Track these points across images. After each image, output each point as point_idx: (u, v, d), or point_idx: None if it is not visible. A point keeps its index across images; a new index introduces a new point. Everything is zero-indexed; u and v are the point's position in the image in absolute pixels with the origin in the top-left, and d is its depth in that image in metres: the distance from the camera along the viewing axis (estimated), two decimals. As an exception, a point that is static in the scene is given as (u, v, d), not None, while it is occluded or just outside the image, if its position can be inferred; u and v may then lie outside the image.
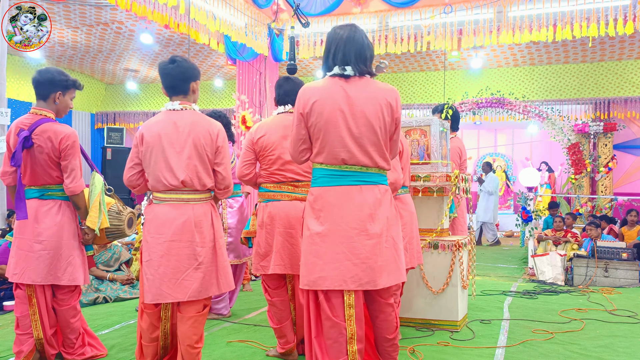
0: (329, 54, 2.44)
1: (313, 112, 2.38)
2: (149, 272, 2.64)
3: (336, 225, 2.36)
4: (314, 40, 7.77)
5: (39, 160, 3.02)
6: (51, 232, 3.05)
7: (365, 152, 2.38)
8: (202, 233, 2.67)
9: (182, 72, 2.74)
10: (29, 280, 3.03)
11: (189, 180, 2.66)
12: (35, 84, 3.08)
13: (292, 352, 3.25)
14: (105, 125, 12.57)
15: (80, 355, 3.23)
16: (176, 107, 2.76)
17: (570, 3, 6.41)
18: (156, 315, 2.72)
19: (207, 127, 2.73)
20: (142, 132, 2.73)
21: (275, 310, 3.22)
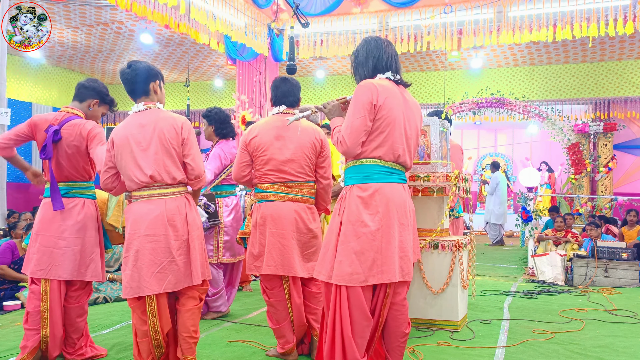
0: (379, 59, 2.63)
1: (385, 106, 2.49)
2: (127, 268, 2.73)
3: (392, 221, 2.49)
4: (314, 40, 7.77)
5: (67, 152, 3.16)
6: (75, 229, 3.18)
7: (410, 153, 2.62)
8: (175, 227, 2.74)
9: (138, 75, 2.83)
10: (56, 276, 3.12)
11: (157, 175, 2.74)
12: (79, 86, 3.31)
13: (292, 352, 3.25)
14: (105, 125, 12.57)
15: (80, 356, 3.25)
16: (141, 108, 2.84)
17: (570, 3, 6.42)
18: (141, 308, 2.77)
19: (170, 121, 2.80)
20: (112, 136, 2.82)
21: (273, 310, 3.23)
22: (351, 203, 2.51)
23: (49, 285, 3.13)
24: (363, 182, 2.51)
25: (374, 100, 2.47)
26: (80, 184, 3.25)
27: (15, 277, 4.89)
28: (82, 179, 3.26)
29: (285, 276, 3.21)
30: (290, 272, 3.14)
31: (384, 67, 2.62)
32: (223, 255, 4.24)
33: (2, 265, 4.86)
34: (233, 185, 4.38)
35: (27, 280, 4.83)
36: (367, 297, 2.50)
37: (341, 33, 7.68)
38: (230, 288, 4.48)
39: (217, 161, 4.16)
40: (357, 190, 2.51)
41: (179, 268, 2.74)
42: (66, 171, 3.20)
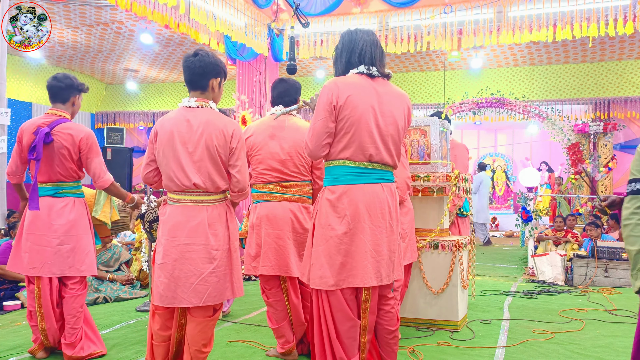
0: (352, 52, 2.49)
1: (347, 105, 2.38)
2: (163, 275, 2.56)
3: (362, 224, 2.39)
4: (314, 40, 7.77)
5: (58, 155, 3.21)
6: (67, 228, 3.23)
7: (388, 150, 2.47)
8: (216, 235, 2.58)
9: (201, 67, 2.62)
10: (49, 274, 3.20)
11: (201, 183, 2.56)
12: (55, 88, 3.30)
13: (292, 352, 3.25)
14: (105, 125, 12.57)
15: (80, 351, 3.27)
16: (192, 104, 2.64)
17: (570, 3, 6.41)
18: (168, 316, 2.66)
19: (221, 127, 2.59)
20: (156, 128, 2.65)
21: (272, 310, 3.23)
22: (322, 206, 2.47)
23: (41, 282, 3.22)
24: (332, 184, 2.45)
25: (333, 101, 2.37)
26: (69, 184, 3.30)
27: (15, 277, 4.89)
28: (71, 179, 3.31)
29: (283, 276, 3.21)
30: (286, 272, 3.13)
31: (357, 61, 2.49)
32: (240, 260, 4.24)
33: (2, 265, 4.86)
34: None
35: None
36: (349, 299, 2.45)
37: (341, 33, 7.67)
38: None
39: None
40: (327, 192, 2.47)
41: (219, 280, 2.57)
42: (56, 172, 3.24)
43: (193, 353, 2.61)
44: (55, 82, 3.30)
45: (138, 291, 5.34)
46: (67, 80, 3.31)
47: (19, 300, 4.76)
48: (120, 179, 10.50)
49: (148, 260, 4.92)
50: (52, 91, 3.31)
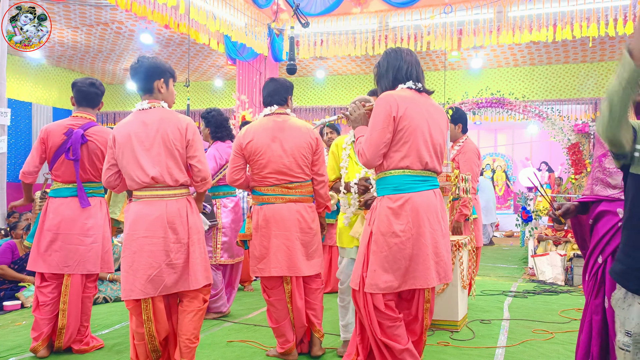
0: (399, 70, 2.65)
1: (406, 116, 2.51)
2: (124, 269, 2.69)
3: (423, 228, 2.52)
4: (314, 40, 7.78)
5: (92, 155, 3.39)
6: (98, 226, 3.42)
7: (437, 158, 2.64)
8: (174, 229, 2.69)
9: (143, 72, 2.79)
10: (84, 271, 3.37)
11: (159, 176, 2.68)
12: (91, 94, 3.48)
13: (292, 352, 3.25)
14: (105, 125, 12.58)
15: (86, 344, 3.44)
16: (145, 106, 2.78)
17: (570, 3, 6.42)
18: (138, 311, 2.73)
19: (175, 122, 2.74)
20: (113, 133, 2.77)
21: (273, 309, 3.23)
22: (381, 214, 2.55)
23: (70, 279, 3.35)
24: (393, 192, 2.56)
25: (392, 112, 2.49)
26: (96, 184, 3.48)
27: (15, 277, 4.89)
28: (99, 179, 3.45)
29: (287, 277, 3.21)
30: (296, 272, 3.16)
31: (404, 77, 2.65)
32: (221, 256, 4.24)
33: (2, 265, 4.86)
34: (232, 185, 4.38)
35: (27, 280, 4.87)
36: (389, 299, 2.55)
37: (341, 33, 7.68)
38: (229, 289, 4.47)
39: (212, 162, 4.15)
40: (387, 201, 2.55)
41: (175, 272, 2.69)
42: (88, 172, 3.41)
43: (183, 342, 2.72)
44: (94, 89, 3.48)
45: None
46: (102, 88, 3.54)
47: (19, 300, 4.76)
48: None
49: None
50: (89, 97, 3.47)
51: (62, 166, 3.38)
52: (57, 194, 3.41)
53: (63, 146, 3.34)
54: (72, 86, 3.51)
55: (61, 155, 3.36)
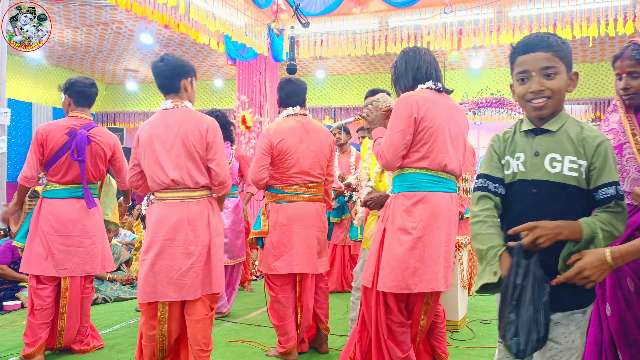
0: (419, 69, 2.62)
1: (427, 117, 2.47)
2: (143, 271, 2.64)
3: (436, 230, 2.46)
4: (314, 40, 7.77)
5: (94, 156, 3.39)
6: (97, 228, 3.42)
7: (457, 160, 2.59)
8: (196, 232, 2.64)
9: (169, 70, 2.71)
10: (84, 273, 3.35)
11: (179, 179, 2.63)
12: (93, 95, 3.46)
13: (293, 352, 3.25)
14: (105, 125, 12.57)
15: (86, 345, 3.45)
16: (168, 106, 2.72)
17: (570, 3, 6.41)
18: (152, 313, 2.70)
19: (196, 123, 2.68)
20: (138, 133, 2.75)
21: (279, 307, 3.23)
22: (395, 211, 2.51)
23: (69, 282, 3.32)
24: (408, 190, 2.50)
25: (413, 113, 2.45)
26: (94, 185, 3.47)
27: (16, 277, 4.89)
28: (98, 180, 3.49)
29: (300, 275, 3.25)
30: (314, 270, 3.23)
31: (423, 77, 2.61)
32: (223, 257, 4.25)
33: (2, 265, 4.86)
34: (233, 185, 4.38)
35: (27, 280, 4.86)
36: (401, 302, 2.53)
37: (341, 33, 7.67)
38: (230, 290, 4.48)
39: None
40: (401, 198, 2.51)
41: (197, 275, 2.62)
42: (89, 173, 3.40)
43: (196, 353, 2.65)
44: (94, 90, 3.47)
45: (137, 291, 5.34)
46: (95, 87, 3.50)
47: (19, 300, 4.76)
48: (120, 179, 10.50)
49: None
50: (85, 95, 3.43)
51: (62, 167, 3.32)
52: (53, 195, 3.33)
53: (65, 147, 3.29)
54: (70, 86, 3.40)
55: (62, 156, 3.29)
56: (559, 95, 1.59)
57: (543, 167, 1.56)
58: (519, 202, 1.61)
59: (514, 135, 1.66)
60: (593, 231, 1.48)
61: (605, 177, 1.52)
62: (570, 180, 1.53)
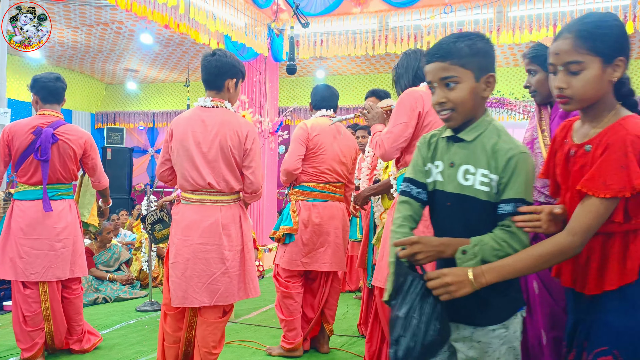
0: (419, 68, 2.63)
1: (432, 112, 2.45)
2: (175, 275, 2.56)
3: None
4: (314, 40, 7.78)
5: (62, 155, 3.22)
6: (69, 231, 3.26)
7: None
8: (229, 236, 2.58)
9: (217, 67, 2.62)
10: (53, 278, 3.19)
11: (215, 184, 2.57)
12: (55, 89, 3.26)
13: (299, 348, 3.27)
14: (105, 125, 12.57)
15: (86, 344, 3.42)
16: (207, 104, 2.63)
17: (570, 3, 6.41)
18: (179, 316, 2.66)
19: (235, 127, 2.59)
20: (172, 127, 2.65)
21: (290, 302, 3.26)
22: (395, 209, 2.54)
23: (47, 286, 3.21)
24: None
25: (418, 107, 2.42)
26: (65, 185, 3.32)
27: (15, 277, 4.88)
28: (69, 180, 3.34)
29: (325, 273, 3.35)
30: (342, 268, 3.35)
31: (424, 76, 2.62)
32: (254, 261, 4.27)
33: None
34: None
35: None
36: None
37: (341, 33, 7.67)
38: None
39: None
40: None
41: (231, 280, 2.56)
42: (57, 173, 3.22)
43: (203, 355, 2.61)
44: (59, 84, 3.29)
45: (138, 291, 5.34)
46: (61, 83, 3.32)
47: (19, 300, 4.75)
48: (120, 179, 10.50)
49: (148, 260, 4.92)
50: (50, 91, 3.26)
51: (30, 167, 3.18)
52: (23, 197, 3.20)
53: (31, 146, 3.13)
54: (34, 82, 3.28)
55: (29, 156, 3.15)
56: (464, 105, 1.46)
57: (456, 180, 1.48)
58: (437, 213, 1.57)
59: (437, 141, 1.58)
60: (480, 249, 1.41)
61: (508, 192, 1.42)
62: (482, 195, 1.45)
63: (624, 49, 1.39)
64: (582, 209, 1.37)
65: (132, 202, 10.85)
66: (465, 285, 1.35)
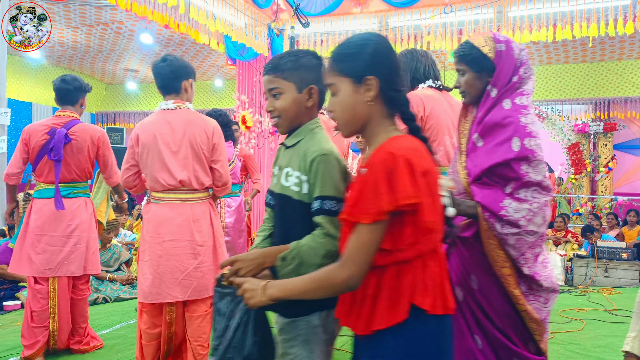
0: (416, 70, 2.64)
1: (432, 115, 2.51)
2: (148, 272, 2.63)
3: None
4: (314, 40, 7.77)
5: (76, 155, 3.31)
6: (83, 228, 3.34)
7: None
8: (201, 232, 2.66)
9: (172, 71, 2.71)
10: (68, 273, 3.28)
11: (187, 180, 2.65)
12: (64, 91, 3.38)
13: None
14: (105, 125, 12.57)
15: (86, 345, 3.44)
16: (170, 107, 2.72)
17: (570, 3, 6.41)
18: (155, 313, 2.70)
19: (202, 125, 2.71)
20: (137, 132, 2.71)
21: None
22: None
23: (57, 282, 3.28)
24: None
25: (420, 112, 2.47)
26: (81, 184, 3.40)
27: (15, 277, 4.89)
28: (84, 179, 3.41)
29: None
30: None
31: (422, 77, 2.64)
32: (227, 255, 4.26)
33: (2, 265, 4.86)
34: (236, 185, 4.38)
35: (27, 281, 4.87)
36: None
37: (341, 33, 7.67)
38: (230, 289, 4.49)
39: None
40: None
41: (204, 275, 2.64)
42: (72, 172, 3.33)
43: (195, 349, 2.68)
44: (64, 85, 3.38)
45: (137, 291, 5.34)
46: (76, 83, 3.42)
47: (19, 300, 4.76)
48: (120, 179, 10.49)
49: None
50: (61, 93, 3.39)
51: (45, 166, 3.29)
52: (41, 195, 3.32)
53: (46, 146, 3.25)
54: (53, 84, 3.44)
55: (44, 155, 3.26)
56: (288, 113, 1.59)
57: (280, 181, 1.61)
58: (273, 215, 1.68)
59: (280, 147, 1.71)
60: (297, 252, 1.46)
61: (315, 191, 1.51)
62: (294, 195, 1.54)
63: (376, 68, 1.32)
64: (350, 237, 1.25)
65: (132, 202, 10.85)
66: (257, 295, 1.34)
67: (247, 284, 1.36)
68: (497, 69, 1.79)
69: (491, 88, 1.80)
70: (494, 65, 1.80)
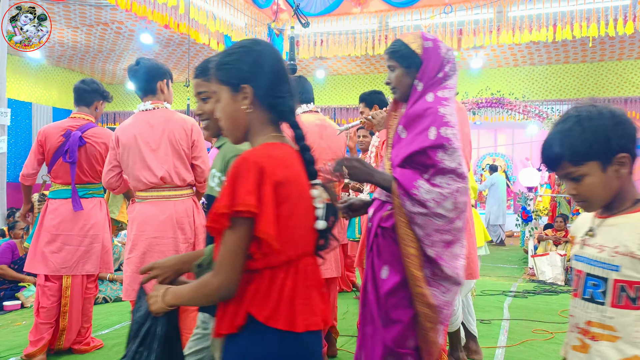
0: None
1: None
2: (130, 270, 2.67)
3: None
4: (314, 40, 7.78)
5: (90, 157, 3.36)
6: (98, 227, 3.39)
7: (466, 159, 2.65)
8: (183, 230, 2.71)
9: (145, 73, 2.79)
10: (84, 271, 3.34)
11: (167, 177, 2.69)
12: (80, 91, 3.46)
13: None
14: (105, 125, 12.57)
15: (86, 345, 3.45)
16: (148, 107, 2.80)
17: (570, 3, 6.41)
18: None
19: (180, 123, 2.76)
20: (117, 134, 2.77)
21: None
22: None
23: (71, 280, 3.33)
24: None
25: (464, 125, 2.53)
26: (96, 185, 3.46)
27: (15, 277, 4.89)
28: (99, 180, 3.44)
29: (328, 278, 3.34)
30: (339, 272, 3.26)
31: None
32: None
33: (2, 265, 4.86)
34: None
35: (27, 280, 4.87)
36: None
37: (341, 33, 7.68)
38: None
39: None
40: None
41: None
42: (86, 174, 3.38)
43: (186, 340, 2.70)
44: (81, 85, 3.46)
45: (138, 291, 5.34)
46: (94, 85, 3.50)
47: (19, 300, 4.76)
48: (120, 179, 10.50)
49: (148, 260, 4.94)
50: (78, 93, 3.46)
51: (61, 168, 3.35)
52: (57, 196, 3.38)
53: (61, 148, 3.31)
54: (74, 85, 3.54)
55: (60, 157, 3.33)
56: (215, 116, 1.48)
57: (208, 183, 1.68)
58: None
59: None
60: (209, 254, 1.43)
61: None
62: (215, 193, 1.57)
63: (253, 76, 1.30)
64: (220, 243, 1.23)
65: (132, 202, 10.86)
66: (157, 302, 1.34)
67: (153, 291, 1.37)
68: (423, 64, 1.87)
69: (417, 82, 1.88)
70: (422, 62, 1.87)
